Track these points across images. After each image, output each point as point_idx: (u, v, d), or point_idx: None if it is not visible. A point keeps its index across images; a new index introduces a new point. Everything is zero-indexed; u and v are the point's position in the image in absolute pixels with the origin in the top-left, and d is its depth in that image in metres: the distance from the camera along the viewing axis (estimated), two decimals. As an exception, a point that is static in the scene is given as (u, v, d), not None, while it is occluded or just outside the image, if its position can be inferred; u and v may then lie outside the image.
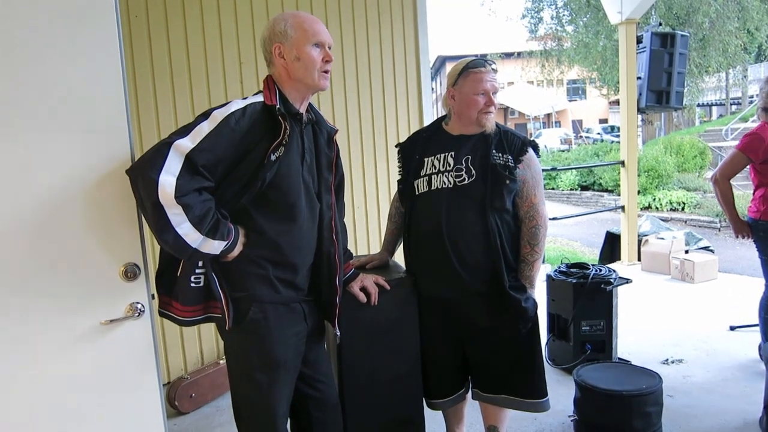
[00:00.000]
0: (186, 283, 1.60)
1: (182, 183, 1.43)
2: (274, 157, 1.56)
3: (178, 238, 1.45)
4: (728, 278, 5.31)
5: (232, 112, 1.53)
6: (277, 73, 1.68)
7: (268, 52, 1.68)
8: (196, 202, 1.47)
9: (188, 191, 1.45)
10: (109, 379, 1.54)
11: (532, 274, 2.11)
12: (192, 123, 1.52)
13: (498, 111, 13.42)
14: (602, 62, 17.06)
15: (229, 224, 1.56)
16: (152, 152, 1.44)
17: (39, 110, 1.42)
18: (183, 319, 1.65)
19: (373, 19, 3.89)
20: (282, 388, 1.72)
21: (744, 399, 2.90)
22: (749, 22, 15.26)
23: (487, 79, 2.05)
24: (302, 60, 1.64)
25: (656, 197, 11.96)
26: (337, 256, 1.79)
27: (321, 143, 1.76)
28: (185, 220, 1.45)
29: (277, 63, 1.66)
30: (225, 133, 1.51)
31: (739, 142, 3.05)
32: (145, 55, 3.08)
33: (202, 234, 1.48)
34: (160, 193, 1.40)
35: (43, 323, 1.45)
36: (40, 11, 1.42)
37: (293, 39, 1.64)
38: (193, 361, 3.35)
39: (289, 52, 1.64)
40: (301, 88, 1.68)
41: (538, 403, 2.17)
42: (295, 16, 1.68)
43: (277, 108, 1.58)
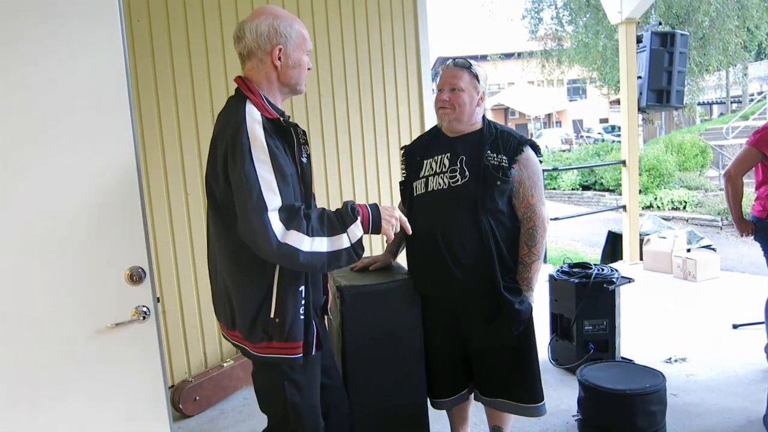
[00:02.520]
0: (296, 317, 1.58)
1: (284, 216, 1.46)
2: (305, 159, 1.60)
3: (312, 255, 1.47)
4: (730, 276, 5.31)
5: (263, 140, 1.48)
6: (262, 74, 1.61)
7: (262, 50, 1.58)
8: (299, 220, 1.48)
9: (292, 218, 1.47)
10: (115, 382, 1.55)
11: (530, 276, 2.08)
12: (255, 185, 1.45)
13: (498, 111, 13.42)
14: (602, 62, 17.05)
15: (348, 205, 1.56)
16: (259, 228, 1.44)
17: (44, 115, 1.44)
18: (295, 357, 1.60)
19: (373, 20, 3.90)
20: (317, 385, 1.74)
21: (748, 397, 2.90)
22: (749, 20, 15.25)
23: (444, 75, 2.08)
24: (298, 67, 1.63)
25: (657, 196, 11.96)
26: None
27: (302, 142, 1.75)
28: (303, 237, 1.46)
29: (268, 64, 1.59)
30: (282, 163, 1.50)
31: (750, 137, 3.04)
32: (148, 59, 3.10)
33: (325, 235, 1.49)
34: (277, 237, 1.44)
35: (49, 326, 1.46)
36: (45, 18, 1.43)
37: (295, 44, 1.61)
38: (197, 364, 3.36)
39: (288, 56, 1.60)
40: (286, 92, 1.67)
41: (534, 408, 2.16)
42: (295, 19, 1.64)
43: (282, 120, 1.56)
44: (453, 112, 2.06)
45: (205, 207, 3.26)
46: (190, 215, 3.28)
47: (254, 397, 3.17)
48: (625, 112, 5.72)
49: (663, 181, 12.44)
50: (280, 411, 1.70)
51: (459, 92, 2.04)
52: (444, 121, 2.10)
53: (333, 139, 3.80)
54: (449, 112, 2.06)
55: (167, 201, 3.20)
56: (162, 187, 3.18)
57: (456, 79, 2.05)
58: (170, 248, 3.22)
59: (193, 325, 3.33)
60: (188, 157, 3.26)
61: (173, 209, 3.22)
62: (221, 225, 1.60)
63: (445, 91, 2.06)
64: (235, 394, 3.25)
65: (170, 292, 3.24)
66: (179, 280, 3.27)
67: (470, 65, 2.08)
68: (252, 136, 1.48)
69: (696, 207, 11.40)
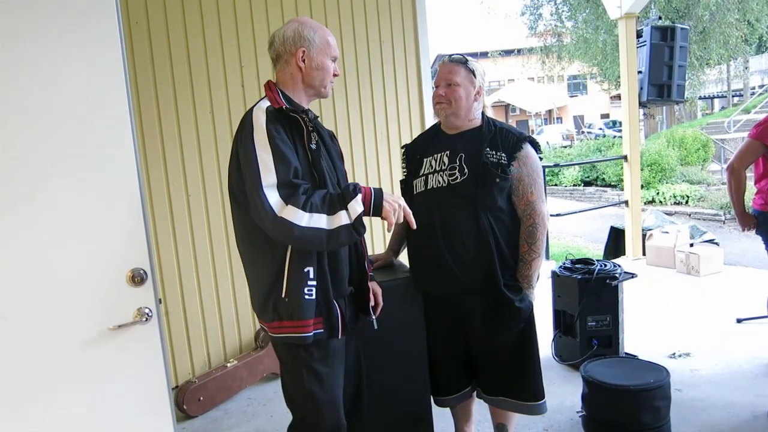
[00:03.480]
0: (299, 296, 1.63)
1: (284, 193, 1.54)
2: (314, 145, 1.65)
3: (309, 230, 1.52)
4: (734, 271, 5.29)
5: (264, 125, 1.59)
6: (287, 75, 1.74)
7: (288, 53, 1.72)
8: (297, 196, 1.54)
9: (290, 194, 1.54)
10: (118, 385, 1.55)
11: (530, 273, 2.07)
12: (254, 164, 1.55)
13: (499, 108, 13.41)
14: (603, 57, 17.03)
15: (350, 184, 1.61)
16: (258, 203, 1.53)
17: (43, 117, 1.44)
18: (304, 335, 1.64)
19: (372, 18, 3.89)
20: (338, 377, 1.77)
21: (752, 391, 2.90)
22: (749, 14, 15.22)
23: (440, 71, 2.09)
24: (321, 70, 1.74)
25: (660, 191, 11.94)
26: (363, 243, 1.85)
27: (326, 139, 1.83)
28: (300, 213, 1.52)
29: (293, 65, 1.72)
30: (280, 144, 1.57)
31: (752, 130, 3.02)
32: (147, 60, 3.09)
33: (324, 213, 1.54)
34: (274, 211, 1.52)
35: (50, 328, 1.46)
36: (43, 19, 1.43)
37: (318, 48, 1.73)
38: (200, 365, 3.36)
39: (311, 59, 1.72)
40: (310, 93, 1.78)
41: (534, 406, 2.16)
42: (321, 27, 1.77)
43: (285, 108, 1.64)
44: (449, 107, 2.06)
45: (206, 207, 3.31)
46: (191, 216, 3.28)
47: (258, 397, 3.22)
48: (626, 107, 5.71)
49: (665, 175, 12.43)
50: (299, 400, 1.75)
51: (455, 87, 2.05)
52: (441, 116, 2.11)
53: (333, 138, 3.79)
54: (445, 106, 2.07)
55: (168, 202, 3.21)
56: (163, 189, 3.18)
57: (452, 74, 2.05)
58: (172, 249, 3.23)
59: (196, 325, 3.34)
60: (188, 158, 3.26)
61: (174, 210, 3.22)
62: (239, 210, 1.69)
63: (441, 86, 2.07)
64: (239, 395, 3.25)
65: (173, 293, 3.24)
66: (182, 280, 3.27)
67: (466, 60, 2.09)
68: (255, 121, 1.60)
69: (698, 201, 11.38)
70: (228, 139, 3.40)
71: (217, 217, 3.36)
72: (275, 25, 3.51)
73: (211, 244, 3.36)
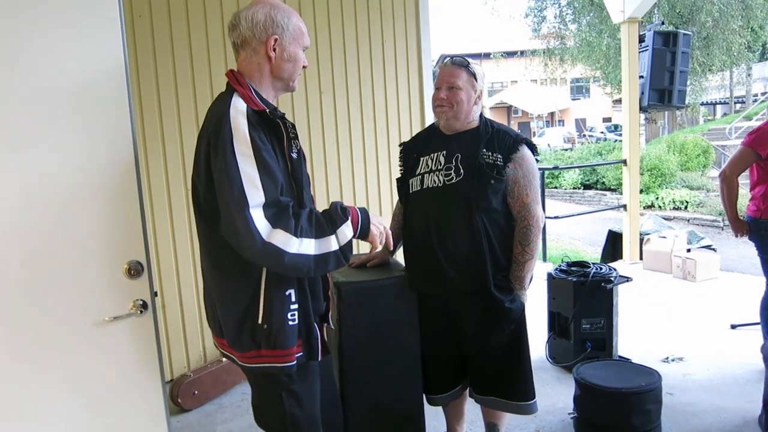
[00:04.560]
0: (283, 323, 1.48)
1: (272, 215, 1.38)
2: (295, 155, 1.49)
3: (298, 257, 1.38)
4: (730, 277, 5.31)
5: (247, 132, 1.40)
6: (254, 65, 1.53)
7: (256, 39, 1.50)
8: (287, 218, 1.39)
9: (279, 217, 1.39)
10: (112, 376, 1.56)
11: (522, 275, 2.08)
12: (237, 180, 1.37)
13: (501, 110, 13.40)
14: (606, 61, 17.03)
15: (337, 205, 1.48)
16: (241, 225, 1.35)
17: (42, 109, 1.45)
18: (288, 365, 1.50)
19: (375, 16, 3.90)
20: (317, 395, 1.66)
21: (744, 397, 2.91)
22: (753, 21, 15.22)
23: (441, 74, 2.08)
24: (292, 61, 1.55)
25: (659, 196, 11.96)
26: None
27: None
28: (290, 238, 1.37)
29: (262, 54, 1.51)
30: (266, 157, 1.41)
31: (745, 138, 3.05)
32: (149, 53, 3.10)
33: (313, 237, 1.40)
34: (262, 236, 1.36)
35: (46, 320, 1.47)
36: (44, 11, 1.44)
37: (291, 37, 1.54)
38: (195, 359, 3.37)
39: (283, 49, 1.52)
40: (279, 86, 1.59)
41: (525, 406, 2.17)
42: (294, 12, 1.57)
43: (269, 112, 1.47)
44: (450, 111, 2.06)
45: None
46: (189, 209, 3.28)
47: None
48: (627, 112, 5.72)
49: (665, 180, 12.44)
50: (277, 424, 1.61)
51: (456, 90, 2.04)
52: (441, 120, 2.11)
53: (333, 136, 3.80)
54: (446, 110, 2.06)
55: (167, 194, 3.21)
56: (162, 181, 3.19)
57: (453, 78, 2.05)
58: (170, 242, 3.24)
59: (193, 319, 3.35)
60: (188, 150, 3.26)
61: (173, 202, 3.23)
62: (204, 225, 1.52)
63: (443, 89, 2.06)
64: (234, 389, 3.27)
65: (170, 287, 3.25)
66: (179, 274, 3.28)
67: (468, 63, 2.08)
68: (235, 127, 1.39)
69: (697, 207, 11.40)
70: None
71: (216, 212, 3.37)
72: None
73: (209, 238, 3.36)
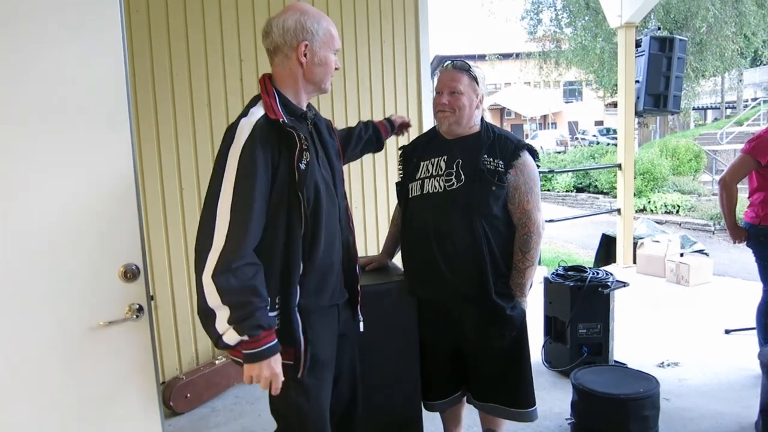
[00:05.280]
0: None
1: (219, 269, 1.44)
2: (303, 166, 1.51)
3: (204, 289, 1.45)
4: (722, 281, 5.33)
5: (241, 146, 1.45)
6: (286, 71, 1.59)
7: (288, 46, 1.56)
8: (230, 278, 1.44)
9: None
10: (107, 380, 1.53)
11: (523, 282, 2.06)
12: (208, 220, 1.46)
13: (494, 112, 13.46)
14: (600, 65, 17.12)
15: (259, 325, 1.45)
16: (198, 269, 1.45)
17: (39, 108, 1.41)
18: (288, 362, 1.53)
19: (374, 18, 3.88)
20: (326, 389, 1.68)
21: (740, 402, 2.91)
22: (746, 27, 15.34)
23: (442, 78, 2.05)
24: (324, 65, 1.61)
25: (651, 200, 12.01)
26: (355, 243, 1.78)
27: (324, 135, 1.72)
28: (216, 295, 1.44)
29: (294, 60, 1.57)
30: (244, 181, 1.44)
31: (745, 145, 3.05)
32: (145, 52, 3.06)
33: (222, 302, 1.43)
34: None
35: (41, 323, 1.44)
36: (44, 10, 1.40)
37: (321, 42, 1.59)
38: (188, 361, 3.33)
39: (314, 53, 1.58)
40: (310, 89, 1.65)
41: (525, 413, 2.15)
42: (324, 17, 1.62)
43: (282, 122, 1.50)
44: (452, 116, 2.03)
45: (200, 201, 3.27)
46: (184, 211, 3.25)
47: (246, 396, 3.20)
48: (623, 116, 5.74)
49: (657, 184, 12.51)
50: (284, 412, 1.66)
51: (458, 95, 2.01)
52: (443, 125, 2.08)
53: (330, 137, 3.77)
54: (449, 115, 2.03)
55: (161, 196, 3.17)
56: (156, 181, 3.15)
57: (455, 82, 2.02)
58: (163, 244, 3.19)
59: (185, 321, 3.31)
60: (183, 151, 3.23)
61: (167, 205, 3.19)
62: None
63: (444, 94, 2.03)
64: (227, 392, 3.23)
65: (162, 288, 3.21)
66: (172, 275, 3.24)
67: (469, 67, 2.05)
68: (237, 138, 1.47)
69: (689, 211, 11.46)
70: (223, 133, 3.36)
71: (211, 212, 3.33)
72: (276, 20, 3.49)
73: (204, 238, 3.32)
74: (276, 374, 1.48)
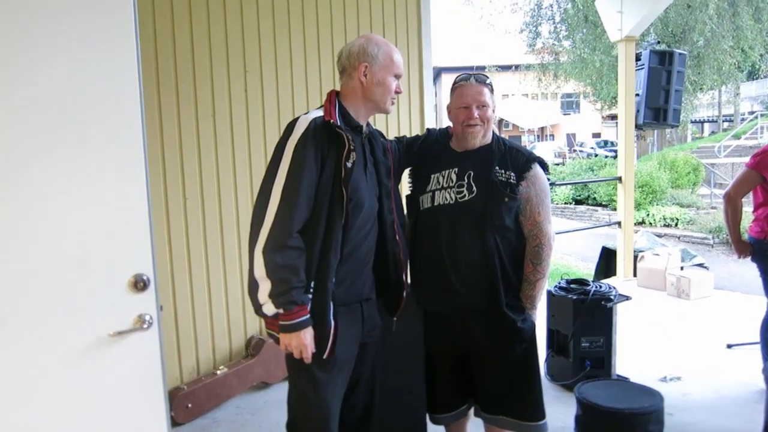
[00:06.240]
0: None
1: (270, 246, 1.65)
2: (350, 164, 1.68)
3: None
4: (723, 295, 5.33)
5: (298, 137, 1.67)
6: (349, 88, 1.81)
7: (351, 67, 1.78)
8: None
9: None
10: (115, 391, 1.52)
11: (534, 294, 2.07)
12: (261, 206, 1.67)
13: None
14: (598, 77, 17.22)
15: (296, 298, 1.64)
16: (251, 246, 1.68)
17: (50, 115, 1.41)
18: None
19: (377, 31, 3.90)
20: (336, 387, 1.77)
21: (743, 418, 2.90)
22: (743, 41, 15.47)
23: (468, 92, 2.04)
24: (382, 86, 1.79)
25: (650, 212, 12.03)
26: (402, 254, 1.92)
27: (378, 153, 1.88)
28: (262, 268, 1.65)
29: (356, 79, 1.78)
30: (297, 172, 1.65)
31: (750, 160, 3.06)
32: (150, 59, 3.05)
33: (266, 275, 1.64)
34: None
35: (50, 334, 1.43)
36: (54, 15, 1.41)
37: (381, 65, 1.78)
38: (189, 371, 3.31)
39: (373, 74, 1.77)
40: (370, 107, 1.84)
41: (535, 426, 2.13)
42: (387, 44, 1.82)
43: (332, 123, 1.69)
44: (482, 129, 2.05)
45: (203, 211, 3.28)
46: (187, 220, 3.24)
47: (247, 406, 3.18)
48: (623, 129, 5.76)
49: (656, 197, 12.53)
50: (292, 402, 1.80)
51: (486, 108, 2.03)
52: (475, 139, 2.06)
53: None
54: (479, 129, 2.04)
55: (165, 205, 3.16)
56: (160, 191, 3.14)
57: (482, 96, 2.03)
58: (166, 253, 3.18)
59: (187, 330, 3.29)
60: (187, 160, 3.23)
61: (171, 214, 3.18)
62: None
63: (474, 108, 2.02)
64: (228, 403, 3.21)
65: (165, 297, 3.19)
66: (174, 284, 3.23)
67: (487, 79, 2.08)
68: (296, 129, 1.68)
69: (688, 224, 11.48)
70: (228, 142, 3.38)
71: (214, 222, 3.33)
72: (281, 32, 3.51)
73: (206, 248, 3.32)
74: (305, 345, 1.65)
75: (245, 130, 3.41)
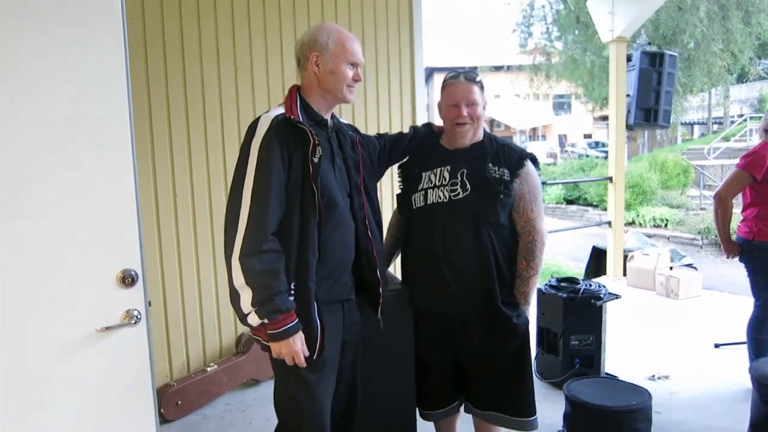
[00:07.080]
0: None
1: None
2: (316, 159, 1.62)
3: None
4: (711, 295, 5.38)
5: (261, 137, 1.61)
6: (306, 80, 1.75)
7: (303, 57, 1.73)
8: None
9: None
10: (103, 387, 1.52)
11: (527, 290, 2.08)
12: (235, 207, 1.60)
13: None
14: (589, 78, 17.29)
15: (281, 305, 1.58)
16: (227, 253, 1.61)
17: (38, 114, 1.40)
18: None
19: (369, 31, 3.90)
20: (327, 386, 1.75)
21: (729, 417, 2.93)
22: (733, 44, 15.59)
23: (458, 90, 2.04)
24: (335, 74, 1.72)
25: (640, 213, 12.11)
26: (375, 251, 1.86)
27: (346, 147, 1.83)
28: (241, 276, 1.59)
29: (310, 70, 1.72)
30: (264, 169, 1.59)
31: (740, 161, 3.10)
32: (140, 58, 3.04)
33: (247, 284, 1.57)
34: None
35: (38, 329, 1.42)
36: (42, 15, 1.40)
37: (332, 53, 1.71)
38: (179, 368, 3.30)
39: (325, 63, 1.71)
40: (328, 98, 1.76)
41: (526, 422, 2.14)
42: (338, 31, 1.75)
43: (293, 119, 1.63)
44: (472, 127, 2.05)
45: (193, 208, 3.26)
46: (177, 216, 3.23)
47: (237, 404, 3.17)
48: (614, 130, 5.79)
49: (645, 198, 12.61)
50: (284, 407, 1.75)
51: (475, 106, 2.03)
52: (465, 137, 2.07)
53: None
54: (469, 127, 2.05)
55: (155, 201, 3.15)
56: (150, 187, 3.12)
57: (472, 94, 2.03)
58: (156, 249, 3.17)
59: (177, 327, 3.28)
60: (177, 157, 3.21)
61: (161, 210, 3.17)
62: None
63: (463, 106, 2.02)
64: (218, 400, 3.20)
65: (155, 294, 3.17)
66: (164, 281, 3.21)
67: (476, 76, 2.08)
68: (258, 129, 1.62)
69: (677, 225, 11.56)
70: (219, 140, 3.36)
71: (204, 218, 3.31)
72: (272, 29, 3.50)
73: (197, 245, 3.31)
74: (296, 351, 1.60)
75: (236, 126, 3.40)
